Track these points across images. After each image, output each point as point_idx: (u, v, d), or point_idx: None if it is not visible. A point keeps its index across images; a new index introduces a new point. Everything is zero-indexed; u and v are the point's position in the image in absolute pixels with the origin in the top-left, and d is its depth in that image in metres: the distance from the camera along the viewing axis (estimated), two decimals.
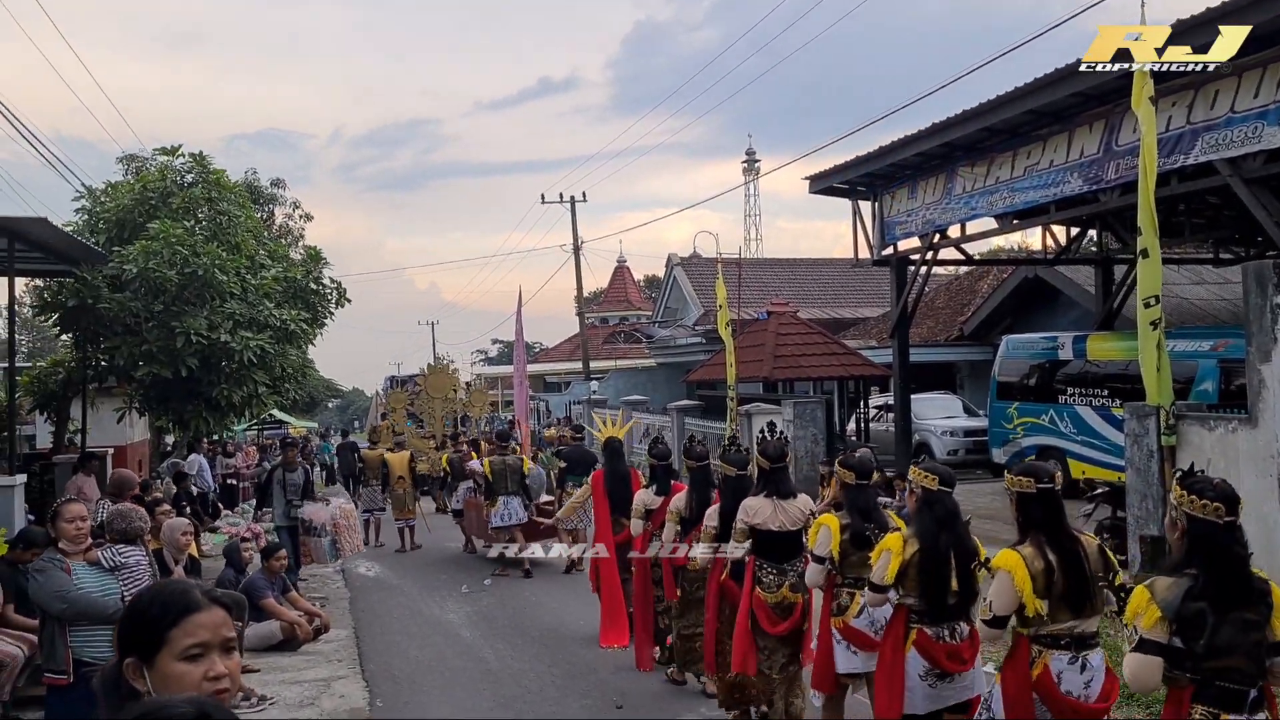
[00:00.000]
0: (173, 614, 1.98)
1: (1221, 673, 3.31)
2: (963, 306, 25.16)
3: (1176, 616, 3.31)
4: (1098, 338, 15.39)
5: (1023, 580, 4.02)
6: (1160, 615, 3.33)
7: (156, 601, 2.02)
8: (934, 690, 4.67)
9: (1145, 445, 9.67)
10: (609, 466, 9.33)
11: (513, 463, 12.78)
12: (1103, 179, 12.28)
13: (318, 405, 62.62)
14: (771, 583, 5.84)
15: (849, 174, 16.78)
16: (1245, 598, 3.34)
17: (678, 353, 29.92)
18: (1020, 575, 4.02)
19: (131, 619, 2.03)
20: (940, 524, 4.71)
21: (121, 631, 2.03)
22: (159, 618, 1.97)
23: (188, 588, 2.09)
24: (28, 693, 7.32)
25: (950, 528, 4.72)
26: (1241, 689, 3.32)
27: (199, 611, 2.00)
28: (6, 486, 10.25)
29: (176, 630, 1.96)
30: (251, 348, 11.77)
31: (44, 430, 17.21)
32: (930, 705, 4.68)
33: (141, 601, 2.06)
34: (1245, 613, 3.33)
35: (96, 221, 13.39)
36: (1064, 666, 4.06)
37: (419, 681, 8.07)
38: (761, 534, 5.91)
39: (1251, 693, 3.33)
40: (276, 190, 24.31)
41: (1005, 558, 4.11)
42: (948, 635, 4.67)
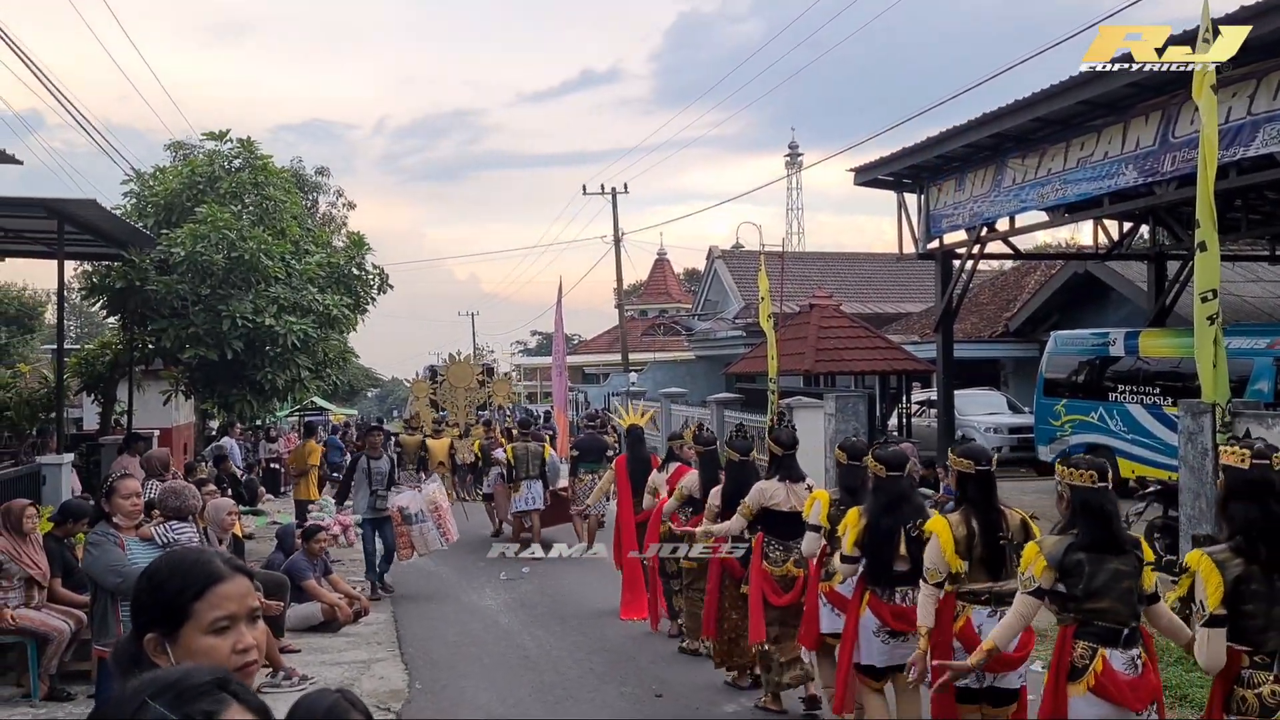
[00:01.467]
0: (197, 585, 1.86)
1: (1097, 613, 3.95)
2: (1008, 302, 24.81)
3: (1059, 566, 3.97)
4: (1150, 334, 15.08)
5: (946, 542, 4.66)
6: (1046, 565, 4.00)
7: (177, 572, 1.90)
8: (887, 646, 5.29)
9: (1200, 443, 9.45)
10: (631, 452, 9.97)
11: (534, 449, 13.39)
12: (1158, 171, 12.01)
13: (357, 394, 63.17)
14: (777, 558, 6.41)
15: (895, 166, 16.57)
16: (1117, 549, 4.00)
17: (717, 346, 29.79)
18: (945, 538, 4.66)
19: (150, 591, 1.89)
20: (885, 505, 5.35)
21: (139, 604, 1.91)
22: (181, 589, 1.86)
23: (209, 556, 1.97)
24: (73, 667, 7.41)
25: (895, 508, 5.33)
26: (1115, 628, 3.95)
27: (223, 581, 1.88)
28: (54, 465, 10.40)
29: (201, 603, 1.84)
30: (295, 331, 11.85)
31: (90, 413, 17.46)
32: (886, 660, 5.31)
33: (160, 572, 1.91)
34: (1117, 563, 3.97)
35: (145, 205, 13.55)
36: (984, 619, 4.68)
37: (457, 666, 8.06)
38: (773, 514, 6.45)
39: (1125, 631, 3.96)
40: (321, 179, 24.51)
41: (934, 523, 4.81)
42: (898, 598, 5.31)
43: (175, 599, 1.84)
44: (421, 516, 10.73)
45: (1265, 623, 3.61)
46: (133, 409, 13.99)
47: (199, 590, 1.85)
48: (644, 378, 32.92)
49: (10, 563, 7.21)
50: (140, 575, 1.96)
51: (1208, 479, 9.30)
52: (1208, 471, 9.31)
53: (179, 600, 1.84)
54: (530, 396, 41.95)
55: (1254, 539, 3.65)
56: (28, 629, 7.14)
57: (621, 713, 6.78)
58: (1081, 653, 3.95)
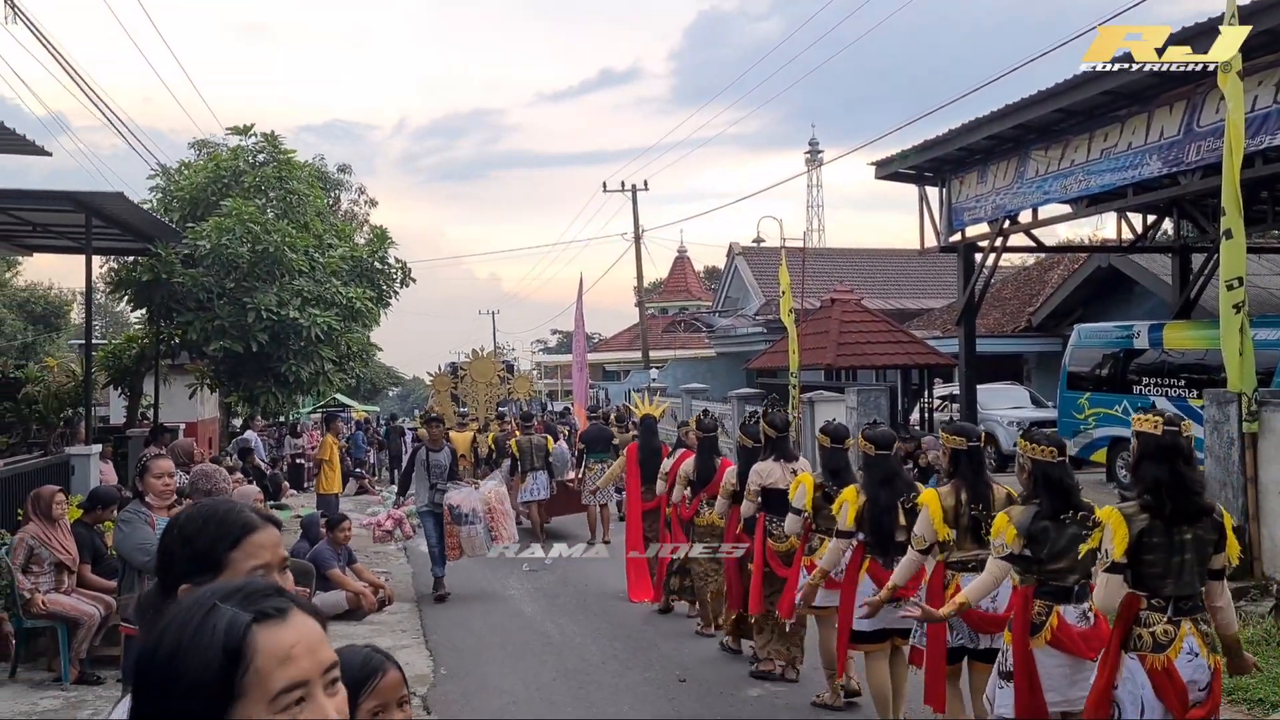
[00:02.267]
0: (233, 534, 1.84)
1: (1056, 574, 4.45)
2: (1031, 297, 24.67)
3: (1027, 533, 4.43)
4: (1175, 326, 14.96)
5: (935, 512, 5.05)
6: (1016, 533, 4.43)
7: (211, 521, 1.86)
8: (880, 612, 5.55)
9: (1226, 432, 9.37)
10: (642, 440, 10.27)
11: (538, 441, 13.94)
12: (1183, 161, 11.92)
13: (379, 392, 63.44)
14: (780, 534, 6.73)
15: (916, 159, 16.50)
16: (1067, 515, 4.47)
17: (738, 342, 29.76)
18: (935, 508, 5.05)
19: (184, 541, 1.85)
20: (881, 481, 5.79)
21: (170, 555, 1.87)
22: (217, 539, 1.83)
23: (240, 506, 1.94)
24: (103, 652, 7.50)
25: (890, 483, 5.78)
26: (1068, 586, 4.47)
27: (258, 531, 1.86)
28: (83, 455, 10.53)
29: (237, 552, 1.81)
30: (319, 324, 11.94)
31: (117, 409, 17.65)
32: (876, 623, 5.65)
33: (192, 523, 1.88)
34: (1074, 528, 4.44)
35: (170, 200, 13.67)
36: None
37: (482, 653, 8.10)
38: (772, 492, 6.84)
39: (1075, 588, 4.47)
40: (343, 176, 24.65)
41: (926, 495, 5.18)
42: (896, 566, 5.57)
43: (211, 549, 1.82)
44: (473, 517, 10.22)
45: (1163, 571, 4.00)
46: (158, 403, 14.12)
47: (235, 540, 1.83)
48: (664, 374, 32.93)
49: (41, 548, 7.31)
50: (168, 527, 1.93)
51: (1234, 469, 9.23)
52: (1234, 462, 9.24)
53: (215, 551, 1.82)
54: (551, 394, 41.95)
55: (1162, 496, 4.02)
56: (58, 613, 7.24)
57: (645, 697, 6.81)
58: (1039, 610, 4.46)
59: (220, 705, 1.18)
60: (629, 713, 6.53)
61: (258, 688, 1.21)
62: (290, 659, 1.23)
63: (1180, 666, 3.92)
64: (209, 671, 1.19)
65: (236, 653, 1.20)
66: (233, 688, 1.19)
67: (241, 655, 1.20)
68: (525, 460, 13.77)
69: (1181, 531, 4.01)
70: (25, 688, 7.18)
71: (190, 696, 1.18)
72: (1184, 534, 4.01)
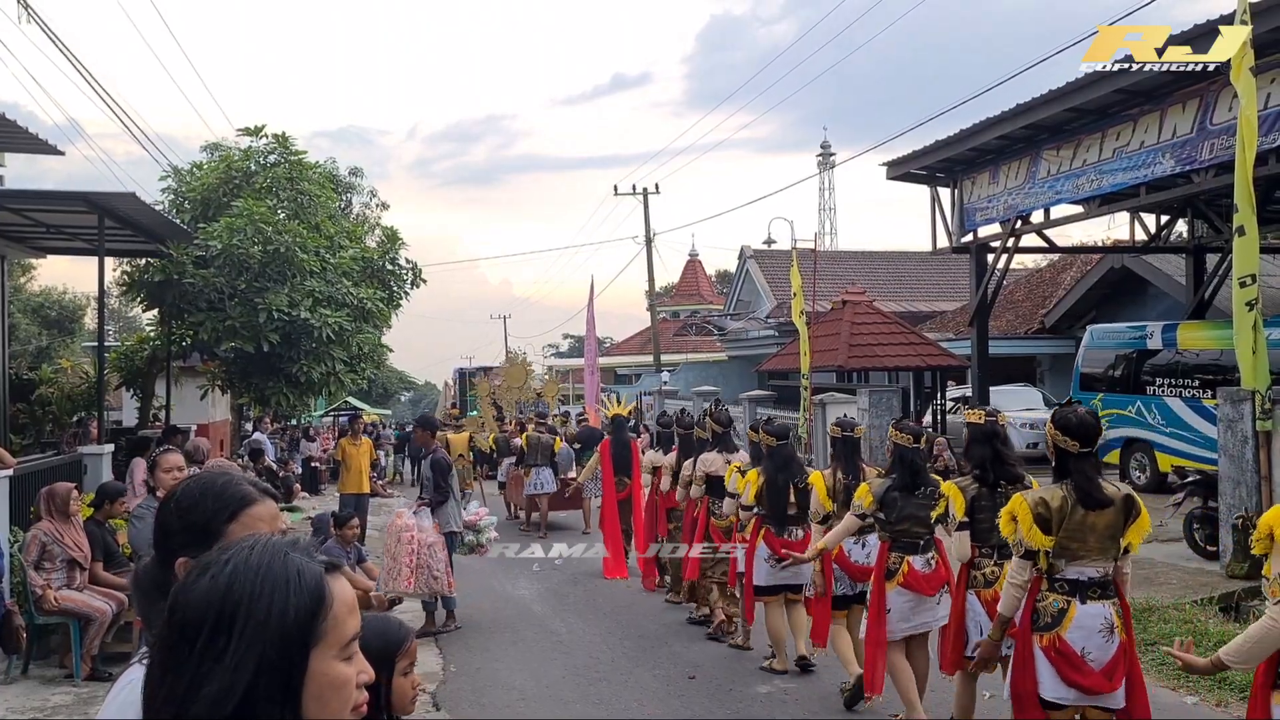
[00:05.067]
0: (230, 507, 1.83)
1: (904, 531, 5.74)
2: (1044, 299, 24.56)
3: (880, 500, 5.77)
4: (1189, 326, 14.87)
5: (821, 490, 6.45)
6: (872, 499, 5.78)
7: (209, 494, 1.85)
8: (773, 570, 6.97)
9: (1239, 431, 9.31)
10: (614, 437, 11.42)
11: (545, 440, 14.81)
12: (1196, 159, 11.86)
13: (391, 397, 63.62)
14: (720, 514, 7.97)
15: (928, 159, 16.46)
16: (921, 488, 5.77)
17: (750, 345, 29.70)
18: (820, 487, 6.47)
19: (181, 514, 1.84)
20: (778, 465, 7.10)
21: (166, 529, 1.85)
22: (215, 512, 1.82)
23: (237, 479, 1.93)
24: (115, 649, 7.53)
25: (785, 467, 7.10)
26: (916, 541, 5.74)
27: (256, 503, 1.86)
28: (95, 454, 10.58)
29: (235, 525, 1.80)
30: (330, 324, 11.96)
31: (129, 411, 17.72)
32: (770, 580, 7.04)
33: (190, 495, 1.86)
34: (919, 498, 5.75)
35: (182, 201, 13.73)
36: (851, 547, 6.38)
37: (492, 650, 8.10)
38: (714, 479, 8.12)
39: (921, 543, 5.75)
40: (354, 179, 24.70)
41: (814, 477, 6.64)
42: (787, 534, 7.04)
43: (209, 522, 1.81)
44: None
45: (989, 526, 4.97)
46: (170, 404, 14.17)
47: (233, 512, 1.83)
48: (676, 377, 32.89)
49: (54, 544, 7.34)
50: (165, 500, 1.92)
51: (1248, 467, 9.17)
52: (1248, 459, 9.18)
53: (213, 523, 1.81)
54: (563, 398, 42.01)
55: (986, 469, 5.27)
56: (71, 610, 7.27)
57: (655, 694, 6.79)
58: (894, 560, 5.74)
59: (306, 650, 1.18)
60: (638, 710, 6.51)
61: (334, 633, 1.21)
62: (353, 610, 1.26)
63: None
64: (301, 614, 1.18)
65: (321, 598, 1.21)
66: (314, 633, 1.19)
67: (323, 601, 1.21)
68: (532, 455, 14.58)
69: (1003, 495, 4.90)
70: (37, 684, 7.21)
71: (279, 640, 1.16)
72: (1004, 497, 4.79)
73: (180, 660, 1.14)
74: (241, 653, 1.14)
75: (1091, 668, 4.20)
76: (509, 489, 16.53)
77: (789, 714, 6.32)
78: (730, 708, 6.46)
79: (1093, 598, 4.26)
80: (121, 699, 1.67)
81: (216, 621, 1.14)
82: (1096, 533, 4.24)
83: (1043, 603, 4.30)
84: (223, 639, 1.14)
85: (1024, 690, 4.29)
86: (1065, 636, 4.21)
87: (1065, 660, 4.20)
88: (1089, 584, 4.26)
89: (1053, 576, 4.29)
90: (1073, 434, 4.26)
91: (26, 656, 7.41)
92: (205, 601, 1.16)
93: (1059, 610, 4.25)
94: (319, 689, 1.20)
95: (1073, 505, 4.20)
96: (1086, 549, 4.24)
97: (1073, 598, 4.26)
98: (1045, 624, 4.27)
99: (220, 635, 1.14)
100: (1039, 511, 4.20)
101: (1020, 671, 4.32)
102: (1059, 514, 4.20)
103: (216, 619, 1.14)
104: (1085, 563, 4.26)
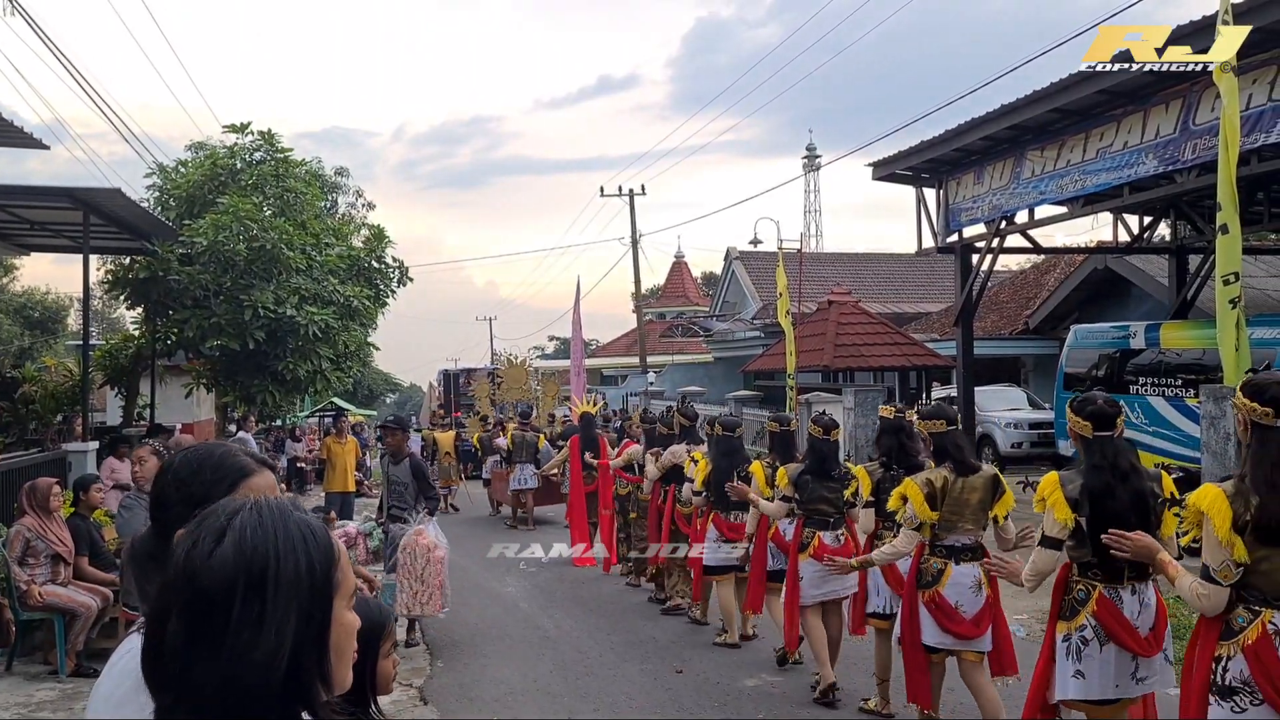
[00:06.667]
0: (229, 479, 1.82)
1: (816, 511, 6.52)
2: (1028, 300, 24.71)
3: (795, 483, 6.57)
4: (1171, 326, 14.99)
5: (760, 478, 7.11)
6: (788, 481, 6.60)
7: (207, 465, 1.84)
8: (720, 550, 7.70)
9: (1222, 428, 9.40)
10: (583, 434, 12.07)
11: (529, 438, 15.51)
12: (1179, 159, 11.95)
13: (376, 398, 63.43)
14: (684, 501, 8.64)
15: (913, 160, 16.54)
16: (830, 474, 6.56)
17: (736, 347, 29.76)
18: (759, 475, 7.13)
19: (179, 485, 1.83)
20: (723, 454, 7.77)
21: (166, 499, 1.84)
22: (214, 483, 1.80)
23: (234, 450, 1.92)
24: (100, 645, 7.48)
25: (731, 456, 7.75)
26: (826, 519, 6.51)
27: (254, 475, 1.85)
28: (80, 451, 10.54)
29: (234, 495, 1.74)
30: (316, 322, 11.92)
31: (114, 410, 17.62)
32: (720, 560, 7.77)
33: (187, 466, 1.85)
34: (830, 482, 6.54)
35: (167, 199, 13.67)
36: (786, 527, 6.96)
37: (479, 647, 8.09)
38: (679, 468, 8.82)
39: (831, 521, 6.51)
40: (340, 179, 24.64)
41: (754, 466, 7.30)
42: (733, 518, 7.76)
43: (208, 493, 1.77)
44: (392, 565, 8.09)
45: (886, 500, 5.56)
46: (154, 403, 14.10)
47: (232, 483, 1.82)
48: (662, 378, 32.91)
49: (37, 540, 7.29)
50: (161, 472, 1.90)
51: (1231, 463, 9.25)
52: (1230, 456, 9.26)
53: (212, 494, 1.76)
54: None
55: (891, 457, 5.97)
56: (55, 605, 7.22)
57: (642, 688, 6.80)
58: (807, 534, 6.48)
59: (330, 602, 1.22)
60: (625, 703, 6.52)
61: (345, 583, 1.26)
62: (348, 561, 1.30)
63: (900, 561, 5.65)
64: (322, 566, 1.22)
65: (332, 550, 1.25)
66: (333, 584, 1.23)
67: (334, 552, 1.25)
68: (517, 453, 15.30)
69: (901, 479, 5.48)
70: (21, 680, 7.17)
71: (310, 595, 1.19)
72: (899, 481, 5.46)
73: (216, 627, 1.15)
74: (280, 612, 1.16)
75: (964, 618, 5.09)
76: (493, 486, 17.13)
77: (774, 707, 6.34)
78: (717, 700, 6.47)
79: (965, 560, 5.13)
80: (121, 666, 1.67)
81: (249, 584, 1.16)
82: (971, 506, 5.13)
83: (925, 564, 5.19)
84: (258, 601, 1.15)
85: (910, 638, 5.18)
86: (943, 592, 5.09)
87: (942, 612, 5.08)
88: (962, 549, 5.15)
89: (934, 543, 5.17)
90: (938, 417, 5.31)
91: (10, 654, 7.36)
92: (233, 566, 1.17)
93: (938, 570, 5.14)
94: (338, 638, 1.24)
95: (952, 482, 5.09)
96: (963, 520, 5.11)
97: (949, 560, 5.14)
98: (927, 582, 5.14)
99: (255, 597, 1.15)
100: (927, 491, 5.06)
101: (907, 622, 5.21)
102: (942, 491, 5.07)
103: (249, 582, 1.16)
104: (960, 532, 5.14)
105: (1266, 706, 3.19)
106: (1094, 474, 4.09)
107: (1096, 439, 4.14)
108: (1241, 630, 3.29)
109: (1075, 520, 4.05)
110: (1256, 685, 3.22)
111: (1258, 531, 3.25)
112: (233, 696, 1.14)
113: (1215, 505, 3.31)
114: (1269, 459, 3.29)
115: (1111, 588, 4.06)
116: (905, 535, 5.19)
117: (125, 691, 1.66)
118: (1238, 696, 3.25)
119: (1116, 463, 4.09)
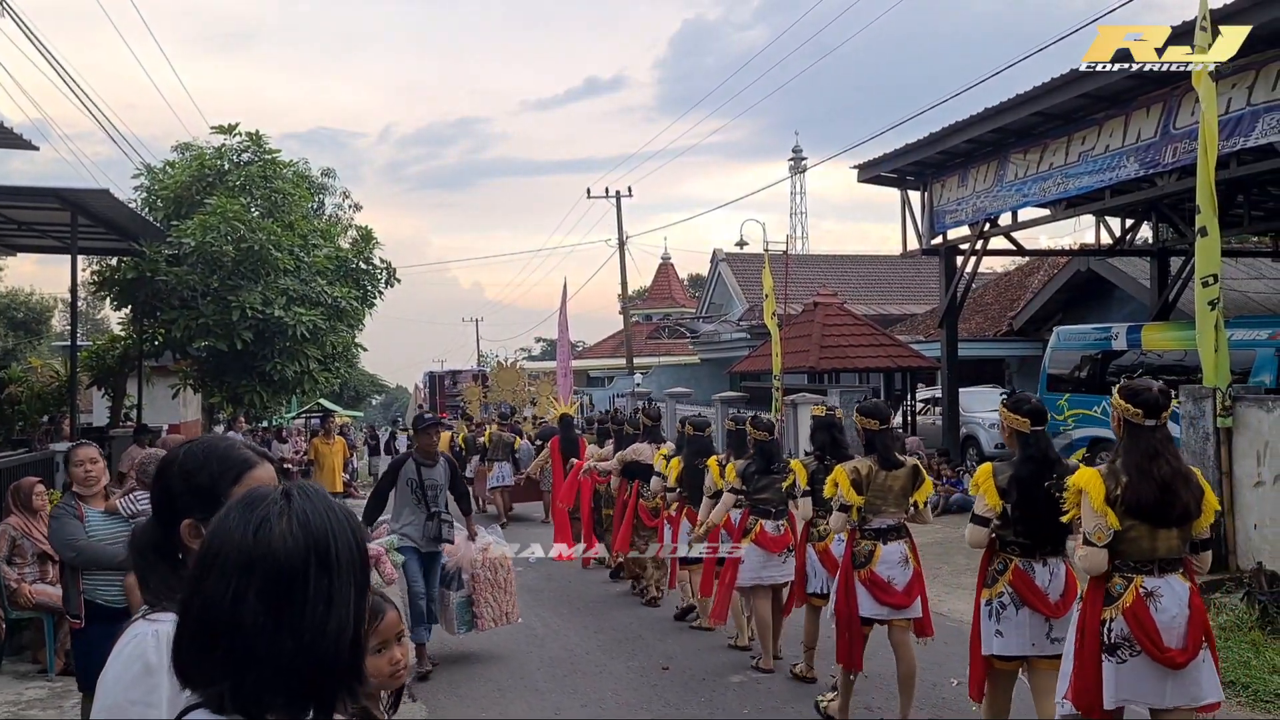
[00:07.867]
0: (235, 469, 1.87)
1: (763, 501, 7.12)
2: (1012, 302, 24.87)
3: (742, 476, 7.14)
4: (1153, 328, 15.13)
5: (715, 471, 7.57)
6: (736, 473, 7.15)
7: (211, 458, 1.89)
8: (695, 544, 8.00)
9: (1201, 428, 9.50)
10: (562, 434, 12.61)
11: (506, 438, 16.09)
12: (1159, 163, 12.10)
13: (363, 399, 63.30)
14: (649, 495, 9.27)
15: (898, 162, 16.66)
16: (773, 468, 7.15)
17: (722, 348, 29.83)
18: (714, 469, 7.59)
19: (185, 477, 1.87)
20: (695, 452, 8.17)
21: (172, 490, 1.87)
22: (218, 475, 1.85)
23: (237, 443, 1.96)
24: None
25: (702, 454, 8.07)
26: (770, 509, 7.11)
27: (256, 467, 1.89)
28: None
29: (238, 487, 1.81)
30: (304, 323, 11.94)
31: (100, 412, 17.58)
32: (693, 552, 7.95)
33: (192, 458, 1.89)
34: (773, 476, 7.14)
35: (154, 199, 13.66)
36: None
37: (466, 644, 8.13)
38: (641, 465, 9.39)
39: (774, 511, 7.10)
40: (327, 180, 24.59)
41: (710, 461, 7.74)
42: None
43: (212, 485, 1.84)
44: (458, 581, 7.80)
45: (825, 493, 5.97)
46: (141, 403, 14.08)
47: (236, 475, 1.86)
48: (649, 380, 32.95)
49: (23, 539, 7.30)
50: (166, 463, 1.95)
51: (1210, 463, 9.35)
52: (1209, 456, 9.36)
53: (216, 486, 1.84)
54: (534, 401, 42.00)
55: (824, 450, 6.52)
56: (44, 604, 7.23)
57: (629, 685, 6.87)
58: (750, 521, 7.10)
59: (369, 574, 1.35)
60: (613, 700, 6.58)
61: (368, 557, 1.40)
62: None
63: (834, 547, 6.38)
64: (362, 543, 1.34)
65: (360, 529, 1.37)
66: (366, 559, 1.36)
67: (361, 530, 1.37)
68: (494, 451, 15.87)
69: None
70: (10, 679, 7.18)
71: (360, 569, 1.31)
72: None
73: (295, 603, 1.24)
74: (345, 587, 1.28)
75: (896, 589, 5.61)
76: (475, 484, 17.34)
77: (761, 702, 6.41)
78: (703, 697, 6.54)
79: (892, 539, 5.69)
80: (129, 651, 1.72)
81: (319, 562, 1.26)
82: (894, 493, 5.71)
83: (858, 548, 5.69)
84: (325, 578, 1.26)
85: (847, 613, 5.64)
86: (876, 570, 5.61)
87: (877, 586, 5.59)
88: (888, 530, 5.71)
89: (864, 528, 5.69)
90: (874, 416, 5.84)
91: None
92: (304, 546, 1.26)
93: (869, 551, 5.65)
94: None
95: (876, 471, 5.66)
96: (886, 505, 5.68)
97: (878, 541, 5.67)
98: (861, 562, 5.65)
99: (324, 575, 1.26)
100: (853, 477, 5.62)
101: (843, 599, 5.68)
102: (867, 478, 5.64)
103: (319, 560, 1.26)
104: (885, 515, 5.70)
105: (1144, 656, 3.91)
106: (1024, 465, 4.69)
107: (1032, 433, 4.75)
108: (1119, 596, 4.00)
109: (1003, 505, 4.65)
110: (1135, 640, 3.93)
111: (1126, 506, 3.98)
112: (310, 669, 1.24)
113: (1091, 482, 4.04)
114: (1138, 450, 4.07)
115: (1026, 560, 4.68)
116: (836, 515, 5.81)
117: (134, 674, 1.71)
118: (1120, 650, 3.96)
119: (1046, 456, 4.72)
